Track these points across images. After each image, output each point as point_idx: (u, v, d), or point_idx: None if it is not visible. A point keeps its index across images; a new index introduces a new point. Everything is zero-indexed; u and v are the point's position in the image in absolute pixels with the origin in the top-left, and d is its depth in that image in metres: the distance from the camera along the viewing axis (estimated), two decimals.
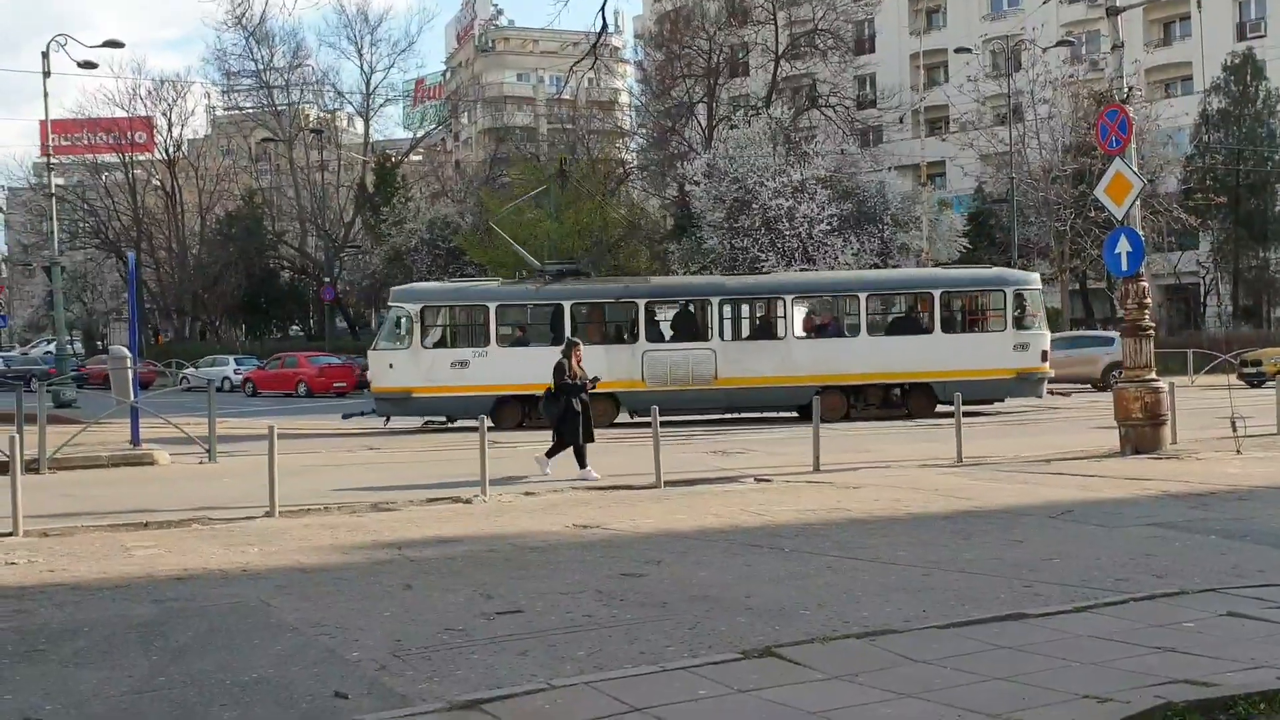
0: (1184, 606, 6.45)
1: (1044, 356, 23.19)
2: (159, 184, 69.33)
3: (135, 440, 17.88)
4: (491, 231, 49.11)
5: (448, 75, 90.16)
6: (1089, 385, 31.30)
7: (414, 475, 14.63)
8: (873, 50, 58.31)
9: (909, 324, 23.90)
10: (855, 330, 23.24)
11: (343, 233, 63.33)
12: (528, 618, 6.57)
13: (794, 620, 6.37)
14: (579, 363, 14.34)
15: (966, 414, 20.04)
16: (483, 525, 10.21)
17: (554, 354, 14.50)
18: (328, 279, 59.75)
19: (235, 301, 64.91)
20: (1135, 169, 15.58)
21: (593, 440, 14.06)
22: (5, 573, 8.23)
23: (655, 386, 21.94)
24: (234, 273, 63.53)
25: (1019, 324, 23.19)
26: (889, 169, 45.16)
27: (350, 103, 68.97)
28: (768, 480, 13.04)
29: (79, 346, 68.46)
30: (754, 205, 39.57)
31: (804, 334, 23.64)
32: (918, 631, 6.00)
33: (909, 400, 23.13)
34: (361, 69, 67.35)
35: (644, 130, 59.10)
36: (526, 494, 12.25)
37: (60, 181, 50.47)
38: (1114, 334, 34.04)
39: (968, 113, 48.38)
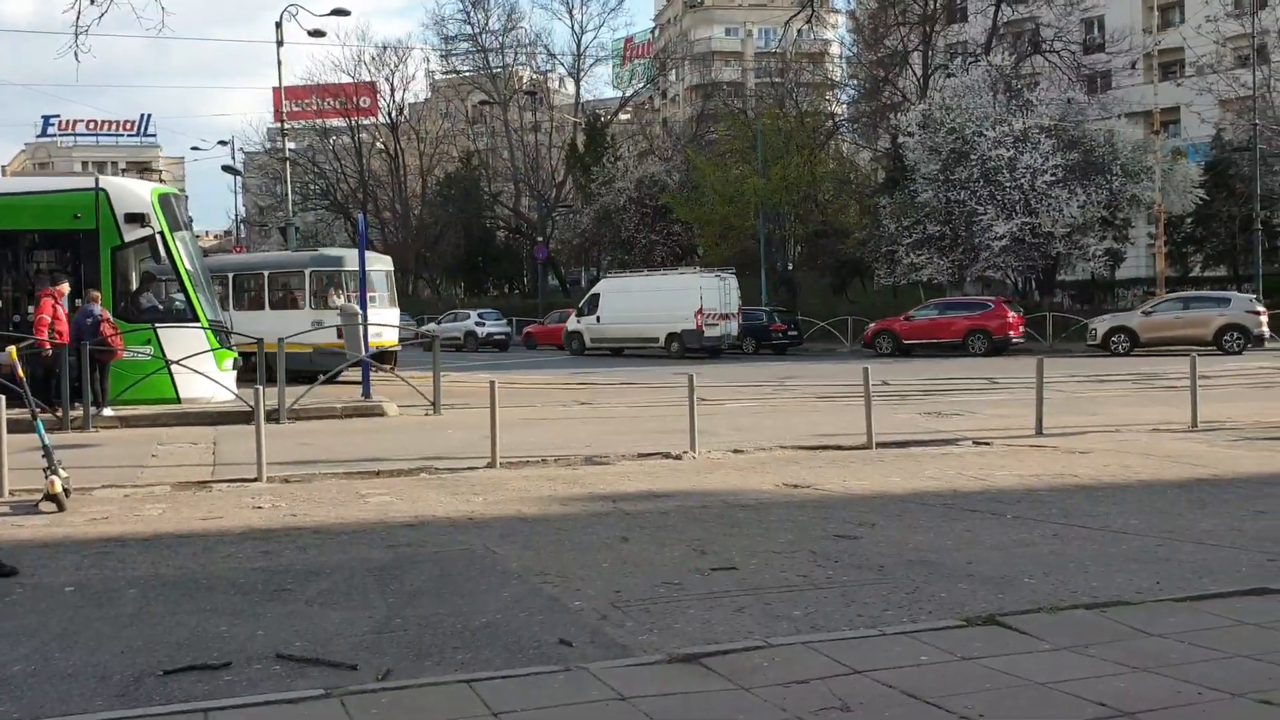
0: None
1: (338, 333, 22.79)
2: (383, 147, 72.29)
3: (366, 392, 18.84)
4: (698, 189, 49.35)
5: (656, 32, 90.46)
6: (1214, 348, 29.04)
7: (624, 429, 14.89)
8: None
9: (256, 301, 26.68)
10: (226, 306, 24.93)
11: (555, 193, 64.68)
12: (742, 575, 6.61)
13: (1018, 589, 6.19)
14: None
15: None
16: (693, 481, 10.30)
17: None
18: (541, 238, 61.19)
19: (455, 260, 67.25)
20: None
21: None
22: (252, 516, 8.82)
23: None
24: (453, 232, 65.83)
25: (323, 302, 25.27)
26: (1118, 116, 42.79)
27: (561, 64, 70.28)
28: (987, 443, 12.66)
29: None
30: (972, 156, 38.29)
31: None
32: (1151, 604, 5.74)
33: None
34: (573, 29, 68.83)
35: (855, 81, 57.87)
36: (735, 451, 12.29)
37: (292, 146, 53.28)
38: (1230, 294, 32.22)
39: (1206, 55, 45.28)
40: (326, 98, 69.55)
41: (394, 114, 70.68)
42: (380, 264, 27.50)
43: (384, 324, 24.60)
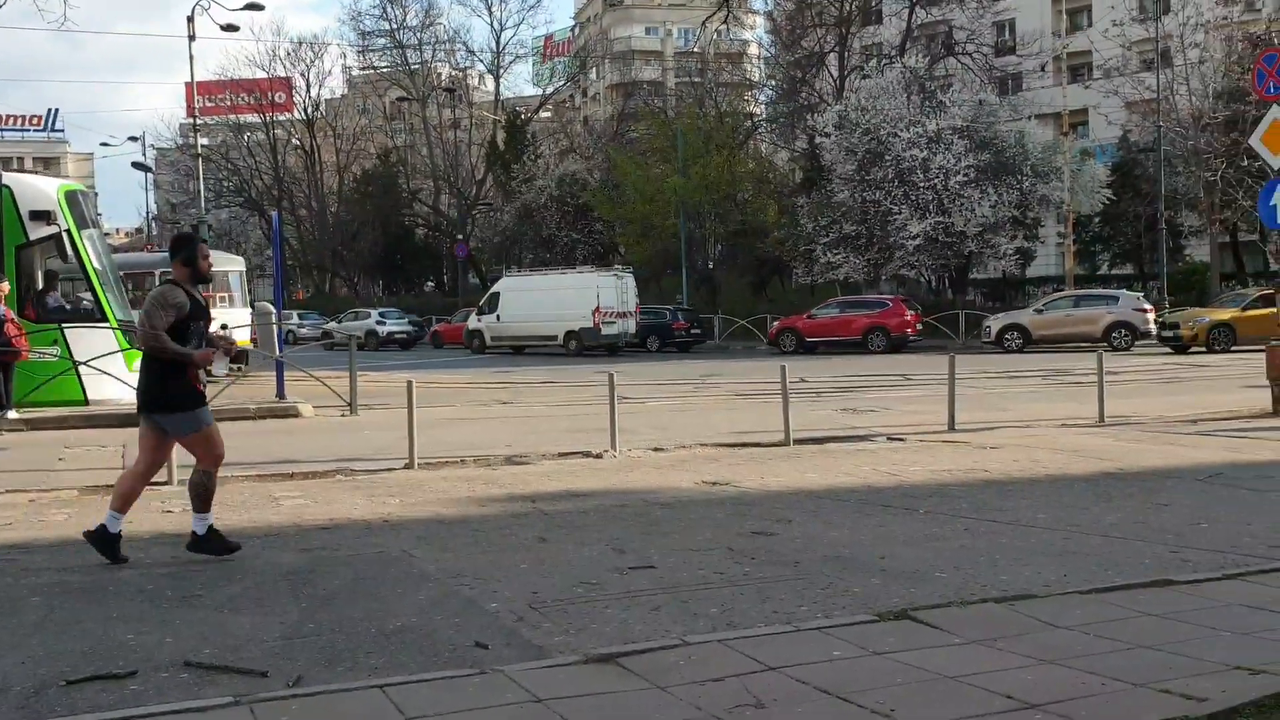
0: None
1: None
2: (298, 143, 71.22)
3: (280, 393, 18.55)
4: (620, 188, 49.40)
5: (576, 31, 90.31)
6: (1103, 344, 29.79)
7: (544, 429, 14.85)
8: None
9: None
10: None
11: (475, 190, 64.25)
12: (659, 573, 6.63)
13: (929, 583, 6.29)
14: None
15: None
16: (613, 480, 10.31)
17: None
18: (460, 236, 60.77)
19: (373, 258, 66.52)
20: None
21: None
22: (162, 521, 8.63)
23: None
24: (371, 230, 65.08)
25: None
26: (1029, 118, 43.69)
27: (481, 60, 69.95)
28: (901, 439, 12.87)
29: None
30: (887, 157, 38.85)
31: None
32: (1059, 597, 5.86)
33: None
34: (492, 26, 68.91)
35: (773, 82, 58.34)
36: (655, 449, 12.33)
37: (205, 142, 52.26)
38: (1119, 292, 33.53)
39: (1113, 58, 46.41)
40: (240, 93, 68.28)
41: (310, 110, 69.72)
42: (232, 264, 27.89)
43: (236, 325, 24.75)
